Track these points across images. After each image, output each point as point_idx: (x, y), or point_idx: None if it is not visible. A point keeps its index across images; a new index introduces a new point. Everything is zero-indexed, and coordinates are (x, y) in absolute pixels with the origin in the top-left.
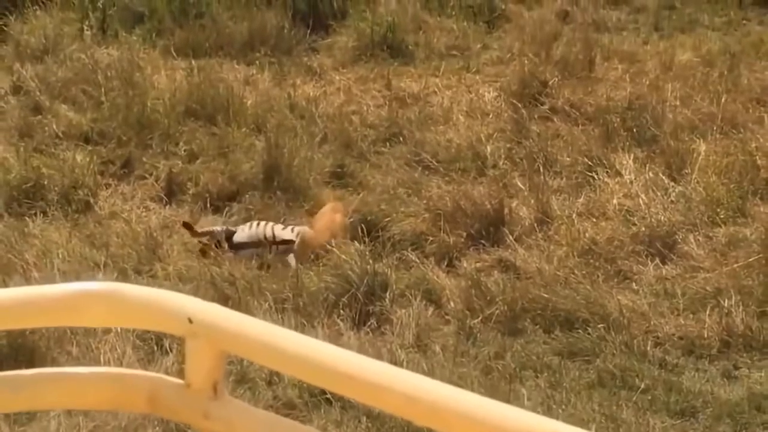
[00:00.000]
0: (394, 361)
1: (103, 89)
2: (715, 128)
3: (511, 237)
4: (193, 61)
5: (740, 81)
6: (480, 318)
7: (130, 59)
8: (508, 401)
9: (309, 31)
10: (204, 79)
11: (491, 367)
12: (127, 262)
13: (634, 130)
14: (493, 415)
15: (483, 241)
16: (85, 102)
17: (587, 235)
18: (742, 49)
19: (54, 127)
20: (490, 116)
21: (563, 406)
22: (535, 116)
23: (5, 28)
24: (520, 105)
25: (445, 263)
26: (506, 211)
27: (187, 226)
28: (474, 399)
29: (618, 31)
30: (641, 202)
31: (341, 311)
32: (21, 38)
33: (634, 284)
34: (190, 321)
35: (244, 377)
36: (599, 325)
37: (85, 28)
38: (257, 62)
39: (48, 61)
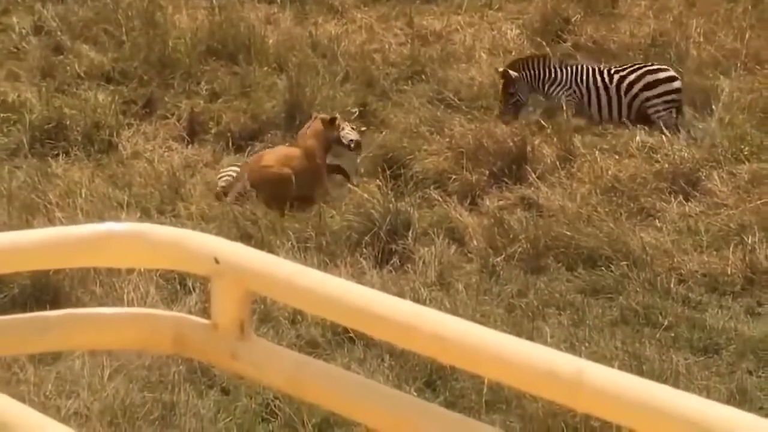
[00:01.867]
0: (417, 299)
1: (124, 29)
2: (739, 64)
3: (533, 175)
4: (214, 0)
5: (765, 16)
6: (503, 256)
7: None
8: (531, 339)
9: None
10: (225, 18)
11: (514, 304)
12: (150, 202)
13: None
14: (521, 353)
15: (505, 179)
16: (106, 42)
17: (610, 172)
18: None
19: (76, 67)
20: (513, 54)
21: (586, 344)
22: (558, 53)
23: None
24: (542, 42)
25: (468, 201)
26: (529, 148)
27: None
28: (501, 338)
29: None
30: (664, 139)
31: (364, 250)
32: None
33: (657, 221)
34: (216, 261)
35: (268, 316)
36: (622, 263)
37: None
38: (278, 0)
39: (69, 1)
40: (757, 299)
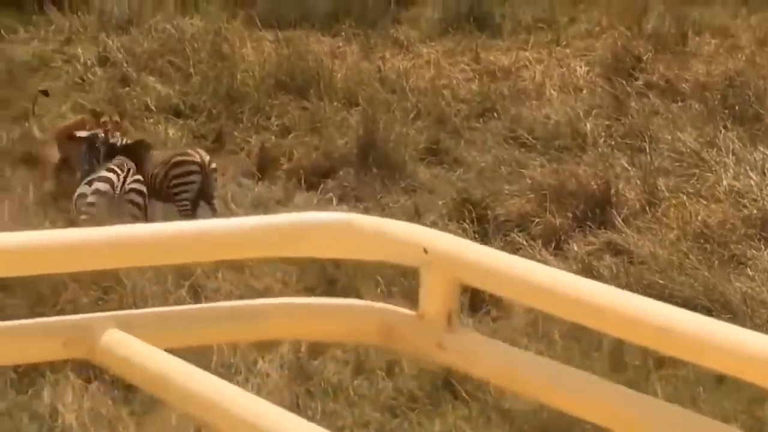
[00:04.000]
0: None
1: (190, 61)
2: None
3: (619, 219)
4: (279, 33)
5: None
6: None
7: (216, 30)
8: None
9: (392, 2)
10: (292, 51)
11: (616, 357)
12: None
13: (736, 107)
14: (745, 342)
15: (590, 223)
16: (172, 74)
17: (699, 217)
18: None
19: (146, 100)
20: (584, 91)
21: (702, 402)
22: (632, 92)
23: None
24: (614, 80)
25: (553, 246)
26: (612, 191)
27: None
28: (725, 327)
29: (707, 5)
30: (752, 183)
31: None
32: (104, 7)
33: (749, 270)
34: (425, 251)
35: (361, 367)
36: (723, 315)
37: None
38: (342, 34)
39: (133, 32)
40: None
